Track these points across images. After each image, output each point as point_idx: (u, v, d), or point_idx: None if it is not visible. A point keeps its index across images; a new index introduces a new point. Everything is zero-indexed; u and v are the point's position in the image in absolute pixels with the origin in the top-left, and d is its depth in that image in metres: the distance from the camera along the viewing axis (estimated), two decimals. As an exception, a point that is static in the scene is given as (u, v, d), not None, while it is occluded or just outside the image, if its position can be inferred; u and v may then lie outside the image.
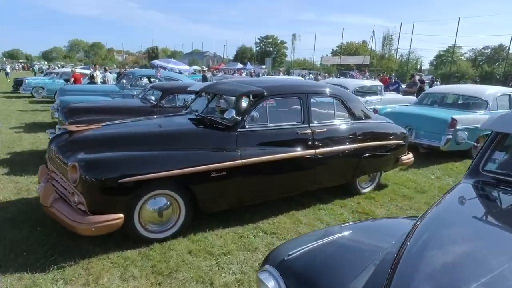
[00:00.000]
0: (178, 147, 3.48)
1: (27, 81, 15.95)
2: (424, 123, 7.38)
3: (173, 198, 3.41)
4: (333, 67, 58.49)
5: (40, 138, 7.70)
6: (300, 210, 4.40)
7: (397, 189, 5.41)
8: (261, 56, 75.50)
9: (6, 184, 4.84)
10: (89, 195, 2.98)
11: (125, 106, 6.33)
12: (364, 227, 2.05)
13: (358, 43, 72.65)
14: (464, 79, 37.92)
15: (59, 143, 3.48)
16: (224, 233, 3.70)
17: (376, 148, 4.88)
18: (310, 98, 4.28)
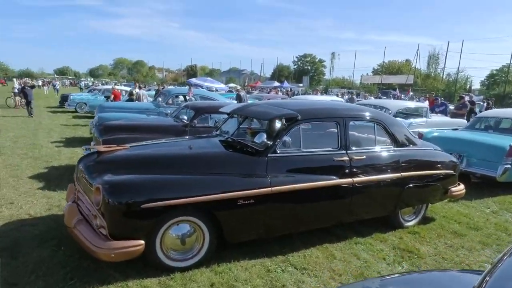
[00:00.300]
0: (205, 171, 3.37)
1: (71, 97, 16.99)
2: (477, 150, 6.78)
3: (197, 225, 3.28)
4: (374, 86, 57.20)
5: (77, 153, 7.99)
6: (335, 243, 4.09)
7: (445, 224, 4.93)
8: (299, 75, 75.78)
9: (39, 199, 4.99)
10: (111, 219, 2.93)
11: (157, 124, 6.42)
12: (409, 282, 1.76)
13: (400, 62, 70.91)
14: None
15: (86, 163, 3.50)
16: (250, 265, 3.50)
17: (422, 178, 4.50)
18: (348, 123, 4.03)
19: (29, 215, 4.39)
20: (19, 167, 6.59)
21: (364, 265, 3.67)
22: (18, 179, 5.83)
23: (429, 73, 56.10)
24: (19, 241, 3.70)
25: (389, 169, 4.23)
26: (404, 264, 3.76)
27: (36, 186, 5.54)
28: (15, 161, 7.04)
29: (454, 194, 4.95)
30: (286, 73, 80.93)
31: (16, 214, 4.40)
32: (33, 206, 4.70)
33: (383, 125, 4.34)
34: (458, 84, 49.42)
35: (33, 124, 12.63)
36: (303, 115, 3.78)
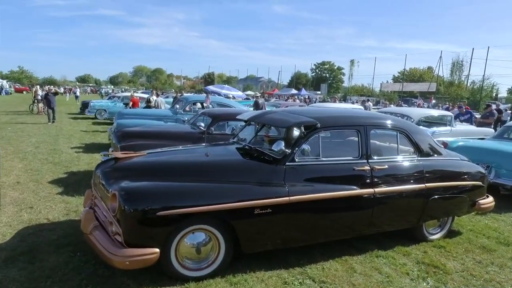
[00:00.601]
0: (222, 179, 3.34)
1: (92, 104, 17.44)
2: (507, 160, 6.50)
3: (213, 234, 3.24)
4: (394, 94, 56.28)
5: (96, 159, 8.13)
6: (355, 256, 3.97)
7: (473, 238, 4.71)
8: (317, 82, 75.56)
9: (58, 203, 5.07)
10: (126, 226, 2.92)
11: (175, 131, 6.47)
12: None
13: (422, 69, 69.71)
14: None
15: (104, 169, 3.53)
16: (266, 276, 3.42)
17: (448, 189, 4.33)
18: (370, 131, 3.93)
19: (47, 220, 4.46)
20: (39, 172, 6.75)
21: (386, 280, 3.53)
22: (38, 184, 5.96)
23: (452, 80, 54.81)
24: (36, 246, 3.75)
25: (413, 180, 4.09)
26: (429, 280, 3.60)
27: (55, 191, 5.64)
28: (36, 166, 7.22)
29: (482, 207, 4.74)
30: (303, 81, 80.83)
31: (35, 218, 4.48)
32: (52, 211, 4.78)
33: (406, 134, 4.21)
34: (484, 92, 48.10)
35: (54, 130, 12.99)
36: (323, 122, 3.71)
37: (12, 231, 4.08)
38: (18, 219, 4.45)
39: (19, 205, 4.94)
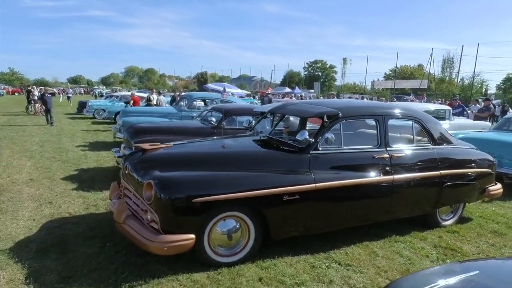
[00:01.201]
0: (250, 168, 3.43)
1: (90, 104, 17.35)
2: (509, 150, 6.71)
3: (243, 220, 3.33)
4: (386, 91, 56.86)
5: (103, 157, 8.15)
6: (375, 241, 4.09)
7: (484, 223, 4.88)
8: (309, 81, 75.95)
9: (75, 198, 5.10)
10: (163, 213, 3.00)
11: (186, 127, 6.53)
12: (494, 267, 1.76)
13: (413, 67, 70.46)
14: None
15: (133, 161, 3.59)
16: (294, 261, 3.52)
17: (460, 176, 4.48)
18: (388, 120, 4.06)
19: (69, 214, 4.50)
20: (50, 169, 6.75)
21: (408, 262, 3.66)
22: (51, 181, 5.98)
23: (443, 77, 55.59)
24: (64, 238, 3.80)
25: (428, 167, 4.23)
26: (449, 261, 3.73)
27: (70, 187, 5.67)
28: (45, 163, 7.21)
29: (491, 193, 4.90)
30: (296, 79, 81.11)
31: (57, 212, 4.52)
32: (71, 205, 4.81)
33: (421, 123, 4.35)
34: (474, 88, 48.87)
35: (55, 130, 12.92)
36: (344, 112, 3.82)
37: (36, 225, 4.11)
38: (40, 213, 4.48)
39: (38, 200, 4.97)
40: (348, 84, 70.97)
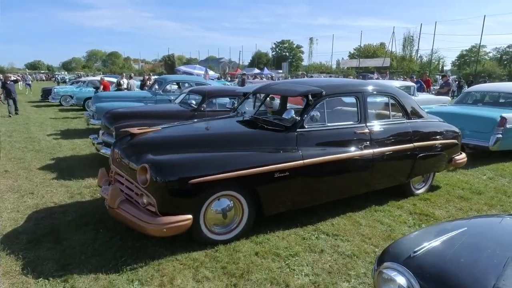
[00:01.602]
0: (241, 148, 3.49)
1: (55, 90, 16.48)
2: (469, 122, 7.16)
3: (236, 199, 3.41)
4: (352, 70, 58.00)
5: (78, 145, 7.88)
6: (357, 212, 4.32)
7: (451, 190, 5.25)
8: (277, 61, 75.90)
9: (57, 188, 4.96)
10: (160, 196, 3.01)
11: (166, 110, 6.42)
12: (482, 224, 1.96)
13: (375, 46, 72.03)
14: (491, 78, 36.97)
15: (123, 146, 3.54)
16: (286, 235, 3.67)
17: (431, 147, 4.77)
18: (367, 97, 4.23)
19: (54, 203, 4.38)
20: (24, 159, 6.47)
21: (389, 229, 3.91)
22: (28, 171, 5.74)
23: (404, 55, 57.34)
24: (55, 227, 3.72)
25: (403, 141, 4.47)
26: (424, 226, 4.02)
27: (49, 176, 5.48)
28: (18, 154, 6.89)
29: (458, 162, 5.27)
30: (264, 60, 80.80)
31: (41, 203, 4.39)
32: (55, 195, 4.68)
33: (396, 99, 4.56)
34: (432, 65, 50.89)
35: (21, 119, 12.22)
36: (327, 90, 3.93)
37: (22, 216, 3.99)
38: (23, 204, 4.33)
39: (18, 191, 4.78)
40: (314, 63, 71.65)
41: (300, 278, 2.93)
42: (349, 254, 3.33)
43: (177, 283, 2.80)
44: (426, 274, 1.46)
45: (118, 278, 2.84)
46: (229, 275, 2.92)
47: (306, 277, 2.95)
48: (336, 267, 3.11)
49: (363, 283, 2.90)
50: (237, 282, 2.84)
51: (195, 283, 2.82)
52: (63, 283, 2.75)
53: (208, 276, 2.90)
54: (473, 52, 59.57)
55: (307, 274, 2.98)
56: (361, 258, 3.28)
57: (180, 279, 2.85)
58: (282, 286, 2.82)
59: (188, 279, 2.86)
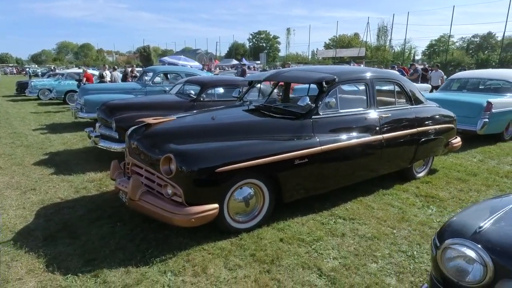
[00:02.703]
0: (260, 136, 3.45)
1: (33, 84, 15.68)
2: (457, 108, 7.32)
3: (258, 187, 3.39)
4: (329, 60, 58.59)
5: (69, 139, 7.58)
6: (367, 196, 4.40)
7: (448, 173, 5.43)
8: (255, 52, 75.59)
9: (59, 183, 4.76)
10: (186, 186, 2.94)
11: (164, 101, 6.25)
12: None
13: (350, 36, 72.99)
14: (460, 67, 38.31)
15: (140, 137, 3.42)
16: (305, 220, 3.69)
17: (432, 132, 4.90)
18: (375, 84, 4.27)
19: (60, 199, 4.21)
20: (15, 155, 6.15)
21: (400, 211, 4.01)
22: (23, 167, 5.47)
23: (379, 45, 58.49)
24: (68, 223, 3.57)
25: (408, 126, 4.57)
26: (432, 207, 4.15)
27: (46, 172, 5.24)
28: (7, 150, 6.54)
29: (454, 146, 5.45)
30: (242, 51, 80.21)
31: (47, 198, 4.20)
32: (58, 190, 4.49)
33: (400, 85, 4.63)
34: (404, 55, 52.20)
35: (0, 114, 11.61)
36: (339, 77, 3.94)
37: (30, 213, 3.80)
38: (28, 201, 4.13)
39: (18, 188, 4.55)
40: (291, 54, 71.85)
41: (330, 262, 2.95)
42: (370, 237, 3.39)
43: (210, 272, 2.76)
44: (496, 248, 1.51)
45: (149, 270, 2.77)
46: (260, 262, 2.91)
47: (335, 260, 2.98)
48: (361, 249, 3.16)
49: (390, 263, 2.96)
50: (269, 268, 2.83)
51: (228, 271, 2.79)
52: (94, 278, 2.65)
53: (239, 264, 2.88)
54: (442, 41, 61.58)
55: (335, 258, 3.02)
56: (382, 240, 3.35)
57: (212, 268, 2.81)
58: (314, 270, 2.84)
59: (220, 268, 2.83)
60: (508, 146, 7.32)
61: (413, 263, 2.97)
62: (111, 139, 5.58)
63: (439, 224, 3.67)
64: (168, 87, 8.01)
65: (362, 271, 2.82)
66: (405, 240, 3.35)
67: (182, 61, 18.38)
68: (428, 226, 3.65)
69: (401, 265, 2.92)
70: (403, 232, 3.50)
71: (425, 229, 3.59)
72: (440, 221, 3.78)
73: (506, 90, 8.10)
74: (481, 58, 43.90)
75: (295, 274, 2.78)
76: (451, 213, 4.00)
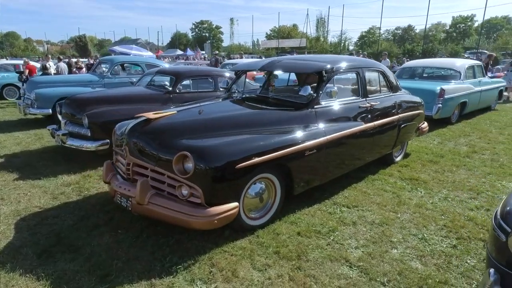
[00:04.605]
0: (270, 128, 3.27)
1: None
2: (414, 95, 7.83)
3: (270, 181, 3.22)
4: (272, 50, 59.21)
5: (22, 138, 6.65)
6: (359, 183, 4.45)
7: (420, 156, 5.72)
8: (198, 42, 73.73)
9: (30, 189, 4.13)
10: (206, 185, 2.68)
11: (137, 94, 5.69)
12: None
13: (289, 27, 74.42)
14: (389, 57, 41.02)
15: (143, 134, 3.03)
16: (312, 212, 3.62)
17: (409, 118, 5.10)
18: (365, 72, 4.29)
19: (39, 208, 3.64)
20: (-39, 160, 5.23)
21: (395, 195, 4.11)
22: (-24, 174, 4.66)
23: (318, 36, 60.49)
24: (59, 235, 3.09)
25: (392, 112, 4.69)
26: (420, 189, 4.33)
27: (9, 177, 4.52)
28: None
29: (423, 130, 5.75)
30: (184, 41, 77.76)
31: (22, 209, 3.60)
32: (32, 198, 3.89)
33: (383, 74, 4.73)
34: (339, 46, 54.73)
35: None
36: (336, 66, 3.88)
37: (7, 227, 3.22)
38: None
39: (-21, 199, 3.85)
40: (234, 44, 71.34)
41: (354, 252, 2.91)
42: (379, 223, 3.42)
43: (241, 276, 2.56)
44: None
45: (175, 280, 2.48)
46: (287, 259, 2.77)
47: (357, 249, 2.95)
48: (377, 236, 3.17)
49: (408, 247, 3.00)
50: (299, 264, 2.71)
51: (259, 273, 2.61)
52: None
53: (267, 263, 2.71)
54: (371, 33, 65.59)
55: (357, 247, 2.98)
56: (390, 225, 3.39)
57: (242, 271, 2.61)
58: (342, 261, 2.78)
59: (249, 270, 2.64)
60: (457, 128, 7.96)
61: (427, 245, 3.04)
62: (82, 137, 4.98)
63: (433, 206, 3.85)
64: (135, 79, 7.37)
65: (387, 258, 2.82)
66: (411, 224, 3.43)
67: (134, 50, 17.14)
68: (424, 208, 3.79)
69: (418, 249, 2.98)
70: (406, 216, 3.59)
71: (423, 211, 3.72)
72: (432, 202, 3.95)
73: (452, 77, 8.78)
74: (407, 49, 47.48)
75: (326, 268, 2.69)
76: (438, 194, 4.20)
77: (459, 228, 3.32)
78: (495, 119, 9.19)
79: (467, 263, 2.78)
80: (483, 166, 5.26)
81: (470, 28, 61.62)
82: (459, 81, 8.66)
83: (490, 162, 5.47)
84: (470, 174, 4.92)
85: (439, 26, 66.96)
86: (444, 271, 2.66)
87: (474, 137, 7.17)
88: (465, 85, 8.68)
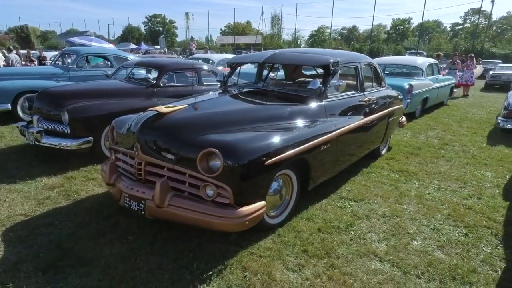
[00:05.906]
0: (286, 123, 3.11)
1: None
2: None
3: (288, 177, 3.08)
4: (228, 46, 58.76)
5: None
6: (356, 176, 4.47)
7: (401, 148, 5.90)
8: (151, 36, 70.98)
9: (8, 195, 3.57)
10: (236, 184, 2.45)
11: (119, 88, 5.15)
12: None
13: (243, 24, 74.41)
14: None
15: (157, 130, 2.71)
16: (323, 206, 3.54)
17: (395, 112, 5.22)
18: (362, 67, 4.29)
19: (25, 216, 3.14)
20: None
21: (393, 187, 4.17)
22: None
23: (273, 33, 61.09)
24: (62, 246, 2.67)
25: (384, 106, 4.76)
26: (413, 180, 4.44)
27: (-24, 182, 3.89)
28: None
29: (403, 124, 5.94)
30: (137, 35, 74.35)
31: (5, 218, 3.08)
32: (13, 205, 3.35)
33: (375, 69, 4.78)
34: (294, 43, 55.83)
35: None
36: (341, 60, 3.82)
37: (-8, 240, 2.73)
38: (-24, 224, 2.97)
39: None
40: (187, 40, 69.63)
41: (378, 246, 2.87)
42: (390, 216, 3.43)
43: (279, 278, 2.39)
44: None
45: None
46: (317, 257, 2.65)
47: (380, 243, 2.91)
48: (393, 229, 3.17)
49: (426, 238, 3.03)
50: (331, 262, 2.60)
51: (295, 274, 2.46)
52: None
53: (300, 263, 2.57)
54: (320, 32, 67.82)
55: (379, 241, 2.95)
56: (401, 216, 3.42)
57: (277, 273, 2.44)
58: (372, 256, 2.72)
59: (283, 271, 2.48)
60: (422, 122, 8.38)
61: (441, 235, 3.09)
62: (60, 135, 4.44)
63: (431, 196, 3.96)
64: (110, 71, 6.75)
65: (411, 250, 2.82)
66: (419, 215, 3.48)
67: (95, 42, 15.83)
68: (424, 199, 3.88)
69: (435, 239, 3.02)
70: (411, 207, 3.65)
71: (424, 201, 3.80)
72: (429, 193, 4.06)
73: (415, 74, 9.25)
74: (356, 47, 49.69)
75: (358, 264, 2.62)
76: (431, 184, 4.34)
77: (463, 217, 3.44)
78: (450, 113, 9.82)
79: (483, 251, 2.86)
80: (458, 157, 5.55)
81: (408, 30, 66.00)
82: (422, 78, 9.14)
83: (462, 153, 5.79)
84: (451, 164, 5.16)
85: (380, 27, 70.89)
86: (468, 260, 2.71)
87: (439, 130, 7.57)
88: (426, 82, 9.18)
